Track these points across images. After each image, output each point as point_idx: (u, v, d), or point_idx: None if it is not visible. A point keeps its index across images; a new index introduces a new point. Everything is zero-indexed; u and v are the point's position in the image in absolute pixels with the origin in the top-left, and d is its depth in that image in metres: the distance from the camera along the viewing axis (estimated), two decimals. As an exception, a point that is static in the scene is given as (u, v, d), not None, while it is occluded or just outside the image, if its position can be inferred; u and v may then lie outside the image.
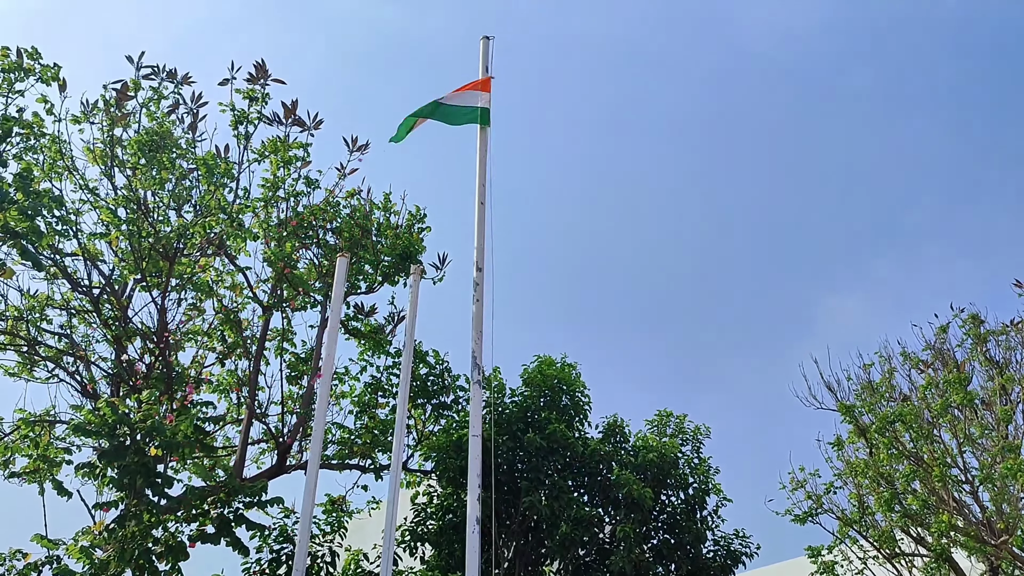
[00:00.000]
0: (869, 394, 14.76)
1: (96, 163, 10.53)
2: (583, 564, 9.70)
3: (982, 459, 13.25)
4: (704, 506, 9.91)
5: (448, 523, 9.77)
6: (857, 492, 14.99)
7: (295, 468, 10.98)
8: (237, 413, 11.70)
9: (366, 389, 11.67)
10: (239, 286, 11.26)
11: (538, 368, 10.14)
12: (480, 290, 8.01)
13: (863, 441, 14.53)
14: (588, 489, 9.73)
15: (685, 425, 10.45)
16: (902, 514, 13.70)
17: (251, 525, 8.63)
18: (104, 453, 7.62)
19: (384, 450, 11.31)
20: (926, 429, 13.49)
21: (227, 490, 8.48)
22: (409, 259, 10.87)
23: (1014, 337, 14.37)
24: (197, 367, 11.46)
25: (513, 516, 9.60)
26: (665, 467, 9.70)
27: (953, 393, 13.37)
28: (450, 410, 11.41)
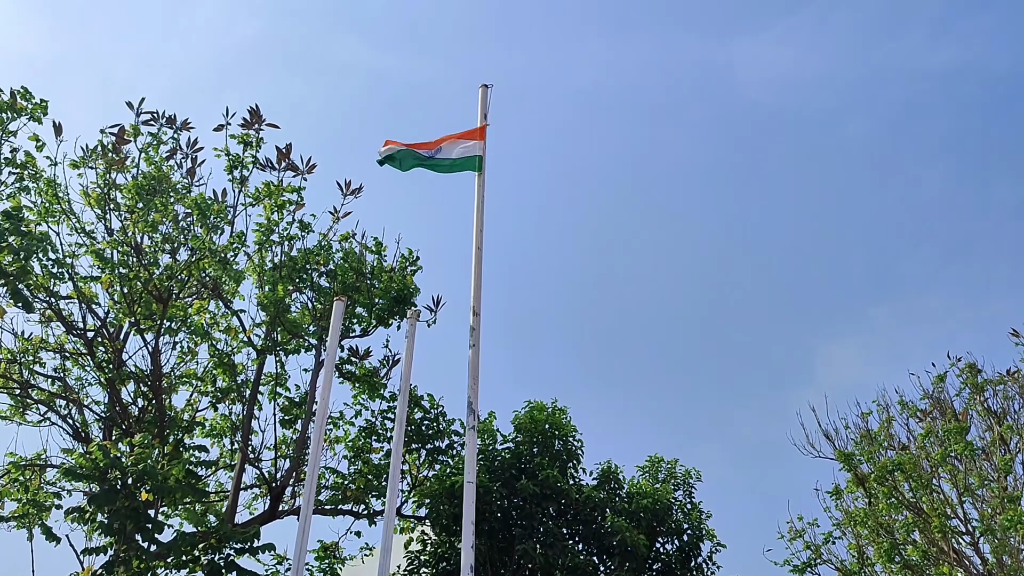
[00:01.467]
0: (867, 443, 14.68)
1: (92, 206, 10.58)
2: (579, 614, 9.55)
3: (982, 510, 13.13)
4: (699, 553, 9.79)
5: (442, 571, 9.64)
6: (856, 542, 14.83)
7: (288, 513, 10.84)
8: (230, 458, 11.59)
9: (360, 433, 11.58)
10: (234, 329, 11.24)
11: (529, 414, 10.08)
12: (476, 335, 8.00)
13: (862, 490, 14.41)
14: (582, 537, 9.62)
15: (676, 470, 10.37)
16: (902, 565, 13.53)
17: (242, 572, 8.50)
18: (94, 497, 7.52)
19: (378, 495, 11.17)
20: (925, 478, 13.39)
21: (218, 536, 8.36)
22: (403, 302, 10.87)
23: (1011, 387, 14.33)
24: (190, 411, 11.38)
25: (507, 564, 9.47)
26: (659, 513, 9.60)
27: (952, 442, 13.29)
28: (445, 455, 11.31)
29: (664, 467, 10.41)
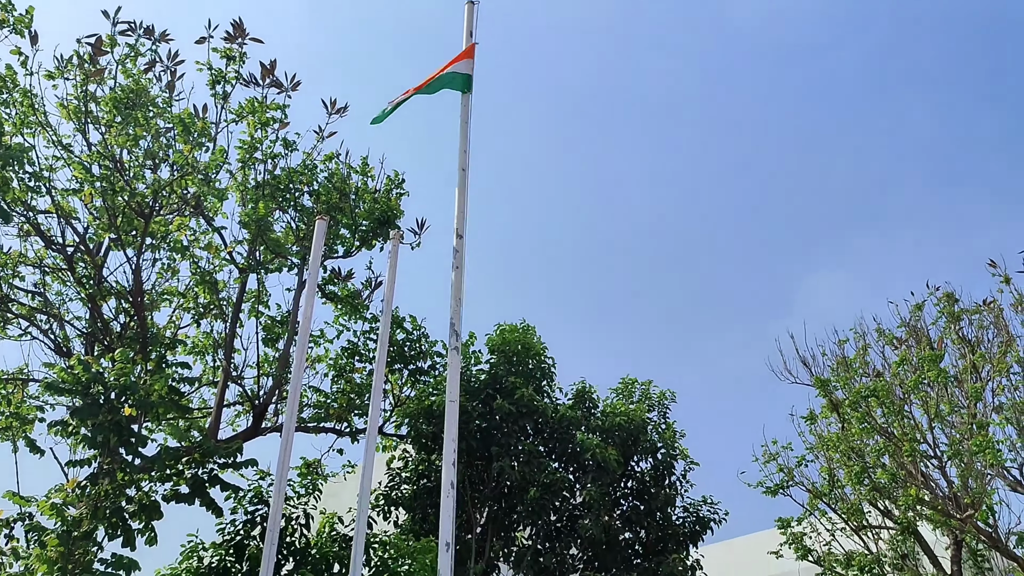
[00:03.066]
0: (843, 369, 14.92)
1: (69, 119, 10.37)
2: (554, 530, 9.81)
3: (951, 435, 13.46)
4: (672, 471, 10.02)
5: (422, 488, 9.83)
6: (828, 465, 15.21)
7: (270, 431, 10.98)
8: (212, 375, 11.66)
9: (342, 353, 11.66)
10: (215, 247, 11.18)
11: (501, 335, 10.17)
12: (460, 257, 7.98)
13: (836, 416, 14.72)
14: (558, 454, 9.81)
15: (651, 391, 10.53)
16: (871, 487, 13.92)
17: (225, 486, 8.63)
18: (77, 411, 7.57)
19: (360, 414, 11.32)
20: (898, 405, 13.67)
21: (202, 451, 8.47)
22: (387, 224, 10.82)
23: (986, 316, 14.55)
24: (173, 328, 11.39)
25: (485, 481, 9.68)
26: (633, 432, 9.79)
27: (926, 370, 13.54)
28: (426, 375, 11.43)
29: (638, 388, 10.57)
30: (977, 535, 13.78)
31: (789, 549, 15.65)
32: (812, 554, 15.50)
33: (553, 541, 9.81)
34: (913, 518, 14.07)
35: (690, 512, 9.98)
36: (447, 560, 7.33)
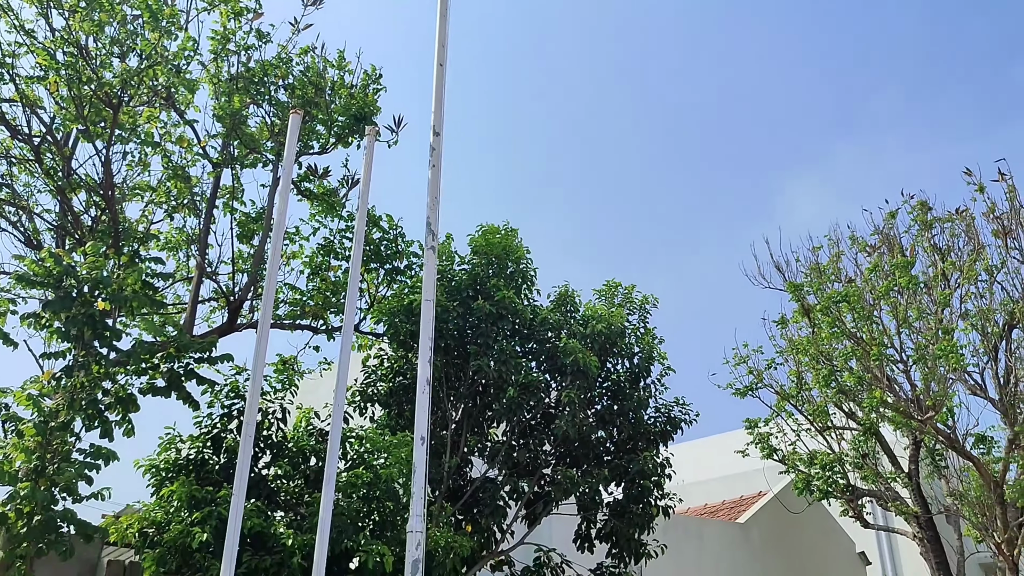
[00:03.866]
0: (816, 275, 15.11)
1: (31, 3, 9.95)
2: (528, 427, 10.01)
3: (917, 341, 13.77)
4: (648, 374, 10.19)
5: (398, 385, 9.94)
6: (796, 368, 15.57)
7: (246, 327, 11.00)
8: (187, 271, 11.59)
9: (318, 251, 11.60)
10: (187, 140, 10.93)
11: (483, 236, 10.13)
12: (437, 155, 7.86)
13: (806, 320, 14.98)
14: (536, 356, 9.93)
15: (633, 296, 10.61)
16: (837, 390, 14.28)
17: (201, 380, 8.69)
18: (49, 304, 7.52)
19: (336, 312, 11.35)
20: (867, 310, 13.91)
21: (177, 346, 8.48)
22: (363, 120, 10.62)
23: (958, 225, 14.70)
24: (145, 222, 11.24)
25: (462, 380, 9.80)
26: (612, 336, 9.90)
27: (897, 276, 13.74)
28: (403, 275, 11.42)
29: (620, 292, 10.64)
30: (936, 436, 14.26)
31: (755, 448, 16.16)
32: (777, 453, 16.04)
33: (527, 438, 10.03)
34: (876, 419, 14.52)
35: (662, 413, 10.20)
36: (422, 454, 7.48)
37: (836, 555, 19.45)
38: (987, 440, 14.77)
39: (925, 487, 15.68)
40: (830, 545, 19.37)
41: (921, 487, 15.40)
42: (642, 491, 9.69)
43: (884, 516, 19.90)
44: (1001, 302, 14.17)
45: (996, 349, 14.26)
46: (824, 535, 19.24)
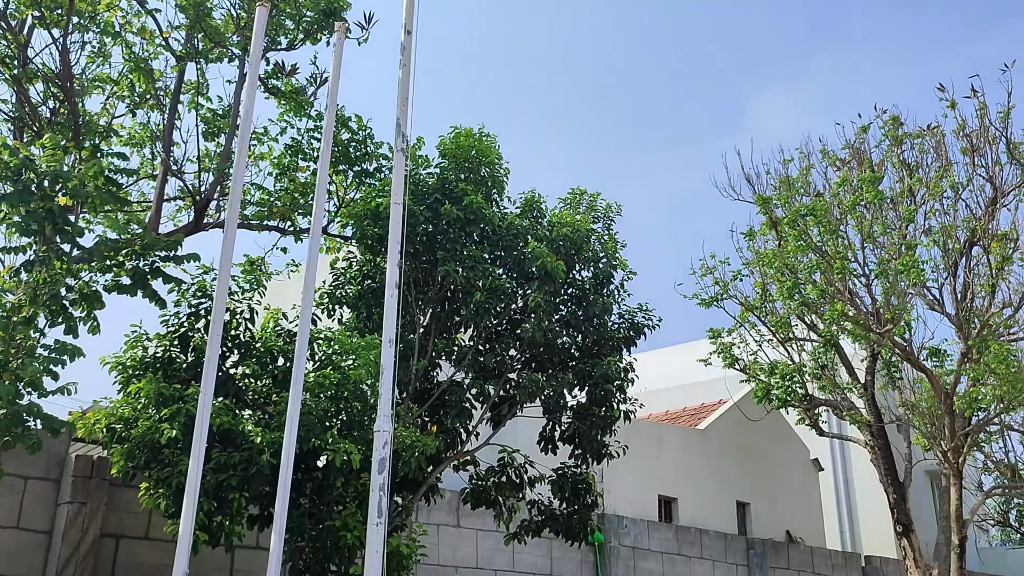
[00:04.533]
0: (785, 188, 15.19)
1: None
2: (495, 332, 10.11)
3: (880, 256, 14.00)
4: (612, 281, 10.28)
5: (367, 289, 9.93)
6: (762, 280, 15.79)
7: (212, 226, 10.87)
8: (151, 168, 11.36)
9: (286, 151, 11.40)
10: (149, 31, 10.55)
11: (455, 139, 9.99)
12: (408, 55, 7.68)
13: (774, 233, 15.13)
14: (503, 262, 9.94)
15: (597, 203, 10.60)
16: (800, 302, 14.53)
17: (168, 279, 8.62)
18: (6, 197, 7.35)
19: (304, 213, 11.24)
20: (834, 225, 14.05)
21: (142, 244, 8.37)
22: (333, 16, 10.29)
23: (928, 141, 14.76)
24: (107, 116, 10.93)
25: (430, 284, 9.82)
26: (578, 242, 9.92)
27: (865, 191, 13.84)
28: (372, 178, 11.29)
29: (586, 200, 10.62)
30: (892, 349, 14.64)
31: (718, 358, 16.50)
32: (739, 363, 16.40)
33: (494, 343, 10.13)
34: (836, 332, 14.85)
35: (625, 319, 10.32)
36: (390, 356, 7.55)
37: (791, 461, 20.14)
38: (941, 353, 15.20)
39: (879, 398, 16.18)
40: (786, 452, 20.03)
41: (875, 398, 15.89)
42: (605, 395, 9.88)
43: (839, 425, 20.56)
44: (964, 219, 14.37)
45: (956, 266, 14.54)
46: (780, 442, 19.87)
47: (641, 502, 16.10)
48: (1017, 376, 13.96)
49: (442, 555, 12.17)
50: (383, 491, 7.21)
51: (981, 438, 15.94)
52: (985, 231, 14.10)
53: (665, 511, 16.96)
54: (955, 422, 14.63)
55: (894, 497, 15.38)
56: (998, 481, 18.95)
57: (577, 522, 10.17)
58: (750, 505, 18.57)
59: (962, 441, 14.76)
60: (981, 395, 14.07)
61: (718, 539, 16.18)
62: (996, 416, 15.28)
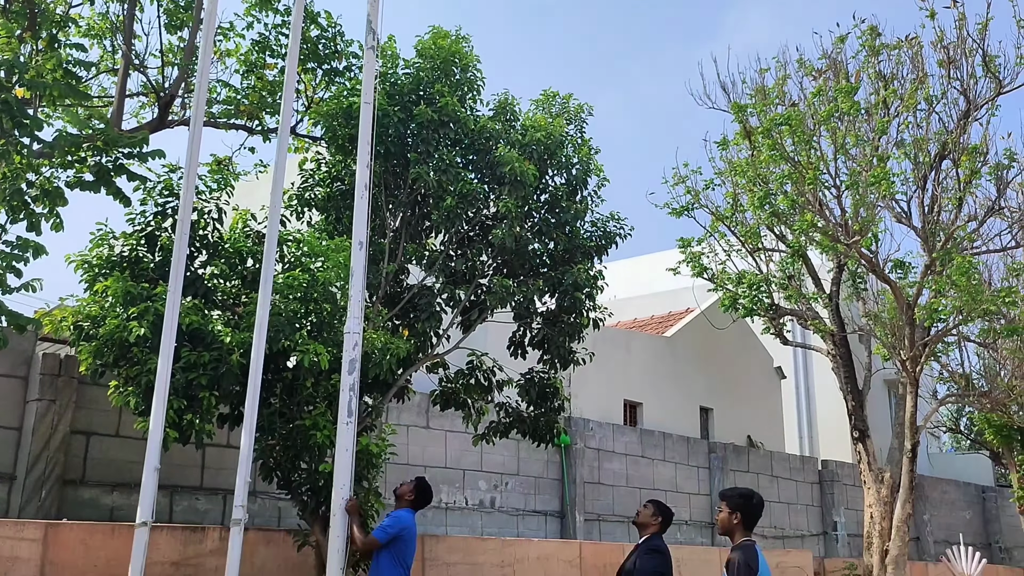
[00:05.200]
0: (761, 98, 15.06)
1: None
2: (466, 237, 10.08)
3: (852, 167, 14.02)
4: (585, 187, 10.22)
5: (336, 191, 9.81)
6: (733, 190, 15.81)
7: (178, 124, 10.61)
8: (112, 62, 10.98)
9: (253, 47, 11.05)
10: (107, -84, 10.05)
11: (432, 39, 9.73)
12: (378, -54, 7.41)
13: (747, 143, 15.07)
14: (475, 165, 9.84)
15: (569, 104, 10.45)
16: (771, 213, 14.60)
17: (132, 176, 8.44)
18: (-39, 87, 7.10)
19: (272, 112, 10.98)
20: (808, 135, 14.01)
21: (104, 139, 8.16)
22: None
23: (905, 52, 14.64)
24: (64, 5, 10.47)
25: (401, 188, 9.72)
26: (551, 147, 9.82)
27: (840, 102, 13.77)
28: (342, 77, 11.01)
29: (558, 102, 10.46)
30: (859, 260, 14.84)
31: (687, 267, 16.64)
32: (707, 272, 16.55)
33: (465, 248, 10.11)
34: (804, 243, 14.99)
35: (597, 227, 10.32)
36: (360, 259, 7.52)
37: (754, 369, 20.61)
38: (905, 266, 15.43)
39: (843, 308, 16.47)
40: (750, 360, 20.47)
41: (839, 308, 16.18)
42: (575, 303, 9.96)
43: (802, 334, 20.99)
44: (936, 132, 14.39)
45: (925, 179, 14.63)
46: (744, 350, 20.28)
47: (607, 406, 16.46)
48: (977, 288, 14.24)
49: (412, 454, 12.42)
50: (353, 391, 7.30)
51: (939, 348, 16.36)
52: (956, 144, 14.15)
53: (630, 415, 17.36)
54: (915, 333, 14.96)
55: (852, 404, 15.82)
56: (952, 390, 19.56)
57: (544, 424, 10.38)
58: (713, 411, 19.08)
59: (920, 351, 15.13)
60: (941, 307, 14.36)
61: (681, 442, 16.64)
62: (954, 327, 15.65)
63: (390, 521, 7.12)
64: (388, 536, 7.01)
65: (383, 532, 7.02)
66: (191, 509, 9.85)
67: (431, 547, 10.10)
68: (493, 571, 10.53)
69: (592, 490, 14.68)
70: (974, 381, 20.45)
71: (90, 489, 9.23)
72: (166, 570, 8.00)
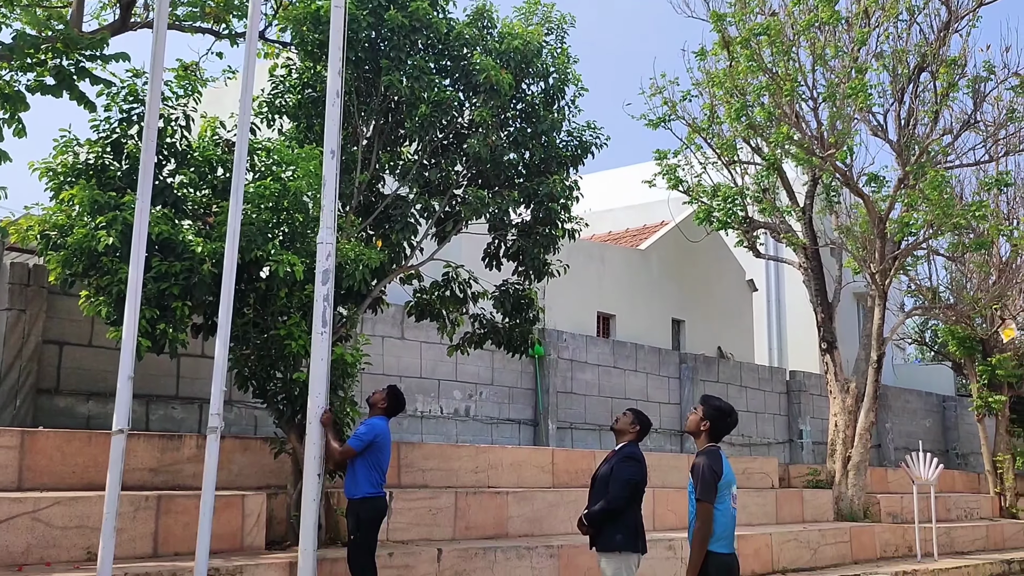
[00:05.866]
0: (741, 6, 14.78)
1: None
2: (440, 147, 9.94)
3: (830, 79, 13.91)
4: (562, 96, 10.06)
5: (307, 98, 9.59)
6: (711, 102, 15.66)
7: (141, 26, 10.24)
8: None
9: (218, -54, 10.61)
10: None
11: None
12: None
13: (725, 53, 14.86)
14: (450, 73, 9.63)
15: (552, 14, 10.19)
16: (747, 124, 14.52)
17: (96, 80, 8.18)
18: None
19: (240, 15, 10.62)
20: (786, 45, 13.84)
21: (64, 40, 7.87)
22: None
23: (890, -41, 14.37)
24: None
25: (373, 95, 9.51)
26: (528, 55, 9.61)
27: (821, 11, 13.56)
28: (312, -22, 10.63)
29: (540, 11, 10.18)
30: (833, 173, 14.87)
31: (662, 179, 16.60)
32: (683, 185, 16.54)
33: (439, 157, 9.98)
34: (780, 155, 14.98)
35: (574, 137, 10.19)
36: (332, 168, 7.42)
37: (728, 282, 20.82)
38: (879, 179, 15.51)
39: (816, 222, 16.59)
40: (723, 273, 20.66)
41: (812, 221, 16.29)
42: (550, 213, 9.92)
43: (775, 247, 21.17)
44: (916, 44, 14.27)
45: (903, 92, 14.58)
46: (718, 263, 20.45)
47: (581, 318, 16.62)
48: (949, 202, 14.38)
49: (387, 365, 12.53)
50: (327, 302, 7.29)
51: (908, 262, 16.58)
52: (935, 56, 14.06)
53: (603, 327, 17.56)
54: (886, 246, 15.14)
55: (822, 316, 16.09)
56: (919, 303, 19.93)
57: (518, 335, 10.47)
58: (685, 322, 19.33)
59: (890, 264, 15.34)
60: (913, 220, 14.51)
61: (653, 353, 16.90)
62: (924, 241, 15.85)
63: (364, 429, 7.22)
64: (363, 444, 7.12)
65: (358, 440, 7.13)
66: (167, 418, 9.93)
67: (407, 454, 10.28)
68: (467, 476, 10.77)
69: (565, 399, 14.95)
70: (941, 294, 20.82)
71: (65, 398, 9.25)
72: (144, 476, 8.10)
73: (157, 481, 8.18)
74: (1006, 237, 17.01)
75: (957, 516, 18.32)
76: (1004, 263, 19.59)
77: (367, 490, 7.12)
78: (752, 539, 11.81)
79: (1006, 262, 19.59)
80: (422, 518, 9.38)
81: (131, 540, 7.10)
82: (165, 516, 7.35)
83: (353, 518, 7.11)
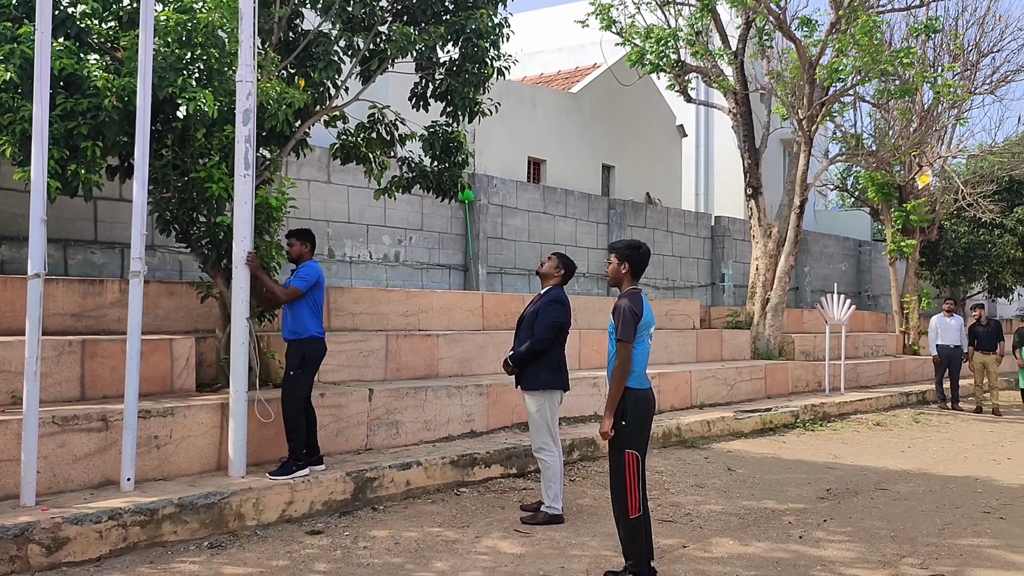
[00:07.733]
0: None
1: None
2: None
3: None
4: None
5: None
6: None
7: None
8: None
9: None
10: None
11: None
12: None
13: None
14: None
15: None
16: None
17: None
18: None
19: None
20: None
21: None
22: None
23: None
24: None
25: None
26: None
27: None
28: None
29: None
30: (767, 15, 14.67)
31: (595, 20, 16.16)
32: (616, 25, 16.15)
33: None
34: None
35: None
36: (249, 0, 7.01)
37: (657, 127, 20.78)
38: (811, 23, 15.38)
39: (748, 66, 16.49)
40: (653, 117, 20.58)
41: (744, 66, 16.19)
42: (478, 51, 9.61)
43: (706, 92, 21.08)
44: None
45: (841, -70, 14.25)
46: (648, 108, 20.32)
47: (510, 163, 16.50)
48: (878, 48, 14.40)
49: (313, 209, 12.34)
50: (249, 143, 7.06)
51: (835, 109, 16.73)
52: None
53: (534, 172, 17.49)
54: (814, 92, 15.21)
55: (748, 162, 16.28)
56: (843, 149, 20.29)
57: (448, 179, 10.33)
58: (615, 168, 19.37)
59: (818, 110, 15.47)
60: (842, 66, 14.54)
61: (582, 199, 16.99)
62: (852, 87, 15.96)
63: (306, 271, 7.25)
64: (308, 285, 7.19)
65: (302, 281, 7.18)
66: (87, 263, 9.69)
67: (336, 298, 10.31)
68: (398, 320, 10.90)
69: (495, 245, 15.03)
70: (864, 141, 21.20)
71: (-25, 243, 8.92)
72: (66, 321, 7.97)
73: (80, 326, 8.06)
74: (930, 84, 17.22)
75: (864, 353, 19.44)
76: (925, 110, 19.95)
77: (315, 330, 7.20)
78: (673, 376, 12.36)
79: (927, 109, 19.95)
80: (353, 360, 9.51)
81: (57, 384, 7.05)
82: (91, 360, 7.28)
83: (298, 356, 7.16)
